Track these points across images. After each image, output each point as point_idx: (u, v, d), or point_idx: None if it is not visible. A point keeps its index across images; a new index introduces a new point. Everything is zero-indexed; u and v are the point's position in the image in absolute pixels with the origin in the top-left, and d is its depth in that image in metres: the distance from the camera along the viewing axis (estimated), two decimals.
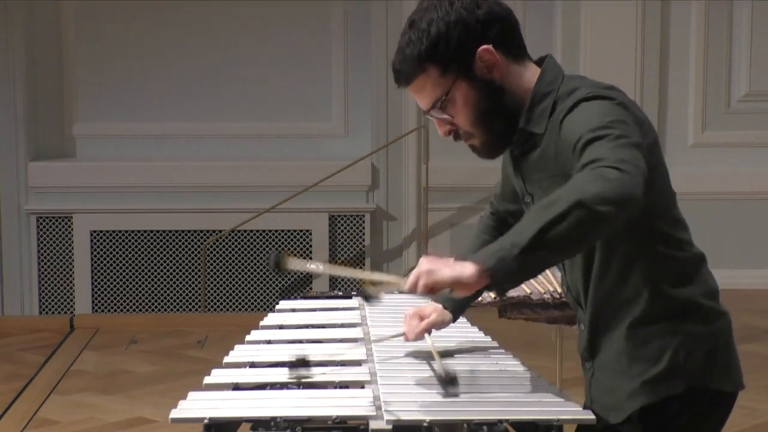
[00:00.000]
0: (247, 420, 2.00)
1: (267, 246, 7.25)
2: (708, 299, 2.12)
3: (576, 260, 2.15)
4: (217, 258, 7.24)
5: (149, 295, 7.25)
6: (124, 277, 7.22)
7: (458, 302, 2.43)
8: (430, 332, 2.42)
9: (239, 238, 7.23)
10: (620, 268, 2.08)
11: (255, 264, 7.26)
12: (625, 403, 2.09)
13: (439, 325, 2.43)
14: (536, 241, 1.80)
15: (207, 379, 2.28)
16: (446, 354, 2.41)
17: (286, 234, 7.26)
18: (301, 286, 7.27)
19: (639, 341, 2.09)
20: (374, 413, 2.00)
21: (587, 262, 2.12)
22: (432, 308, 2.43)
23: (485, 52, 2.08)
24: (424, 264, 1.90)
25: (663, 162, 2.11)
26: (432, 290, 1.89)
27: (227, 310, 7.25)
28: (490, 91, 2.10)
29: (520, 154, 2.16)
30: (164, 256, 7.23)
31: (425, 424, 1.95)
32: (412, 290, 1.91)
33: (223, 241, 7.20)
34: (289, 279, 7.27)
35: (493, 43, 2.08)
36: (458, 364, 2.33)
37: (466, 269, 1.83)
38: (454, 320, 2.46)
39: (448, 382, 2.04)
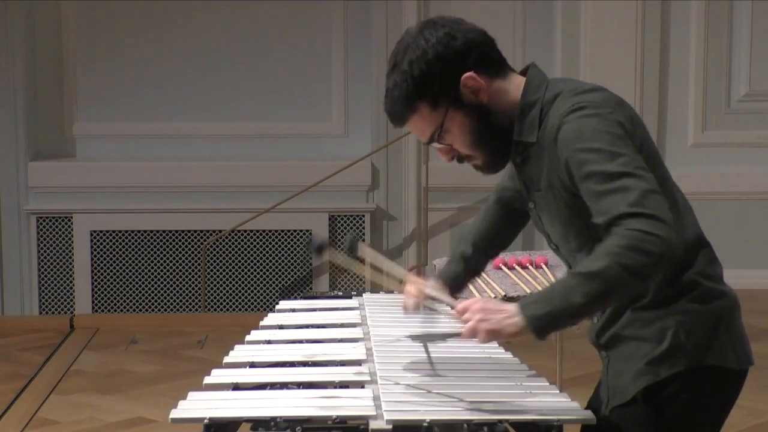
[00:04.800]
0: (247, 420, 2.01)
1: (267, 246, 7.24)
2: (707, 279, 2.18)
3: (572, 253, 2.23)
4: (217, 258, 7.24)
5: (149, 295, 7.24)
6: (124, 277, 7.22)
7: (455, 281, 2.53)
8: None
9: (239, 238, 7.22)
10: None
11: (255, 264, 7.25)
12: (631, 384, 2.15)
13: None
14: (581, 312, 2.01)
15: (207, 379, 2.28)
16: (446, 355, 2.41)
17: (286, 234, 7.25)
18: (301, 286, 7.27)
19: (642, 324, 2.16)
20: (374, 413, 2.01)
21: (580, 250, 2.20)
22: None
23: (468, 79, 2.17)
24: (477, 308, 2.05)
25: (655, 150, 2.18)
26: (474, 333, 2.04)
27: (227, 310, 7.25)
28: (480, 114, 2.18)
29: (520, 163, 2.25)
30: (164, 256, 7.23)
31: (425, 424, 1.96)
32: (465, 326, 2.05)
33: (223, 241, 7.20)
34: (297, 275, 7.27)
35: (474, 69, 2.16)
36: (458, 364, 2.33)
37: (513, 327, 2.01)
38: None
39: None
